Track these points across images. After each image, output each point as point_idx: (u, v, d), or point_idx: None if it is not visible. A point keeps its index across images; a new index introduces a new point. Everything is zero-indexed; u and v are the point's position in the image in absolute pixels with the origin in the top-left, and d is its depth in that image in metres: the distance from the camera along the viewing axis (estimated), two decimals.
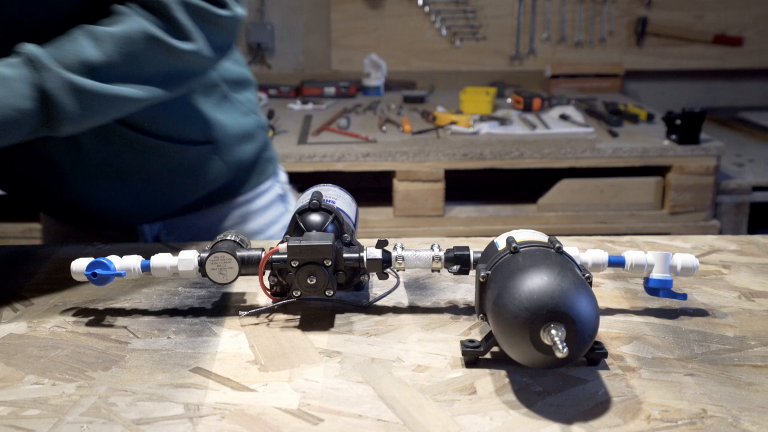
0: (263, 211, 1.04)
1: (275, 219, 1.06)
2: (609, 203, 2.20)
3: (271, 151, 1.06)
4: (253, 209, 1.03)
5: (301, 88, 2.84)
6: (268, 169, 1.04)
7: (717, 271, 0.78)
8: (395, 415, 0.52)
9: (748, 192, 2.26)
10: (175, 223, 0.99)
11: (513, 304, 0.52)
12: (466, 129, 2.32)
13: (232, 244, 0.66)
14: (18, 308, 0.70)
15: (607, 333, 0.64)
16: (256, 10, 2.97)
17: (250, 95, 1.00)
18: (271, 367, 0.59)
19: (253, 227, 1.03)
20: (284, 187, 1.10)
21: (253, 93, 1.02)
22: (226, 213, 1.01)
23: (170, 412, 0.53)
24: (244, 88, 0.99)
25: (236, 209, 1.01)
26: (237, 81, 0.97)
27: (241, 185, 1.00)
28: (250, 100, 1.00)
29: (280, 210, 1.07)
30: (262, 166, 1.03)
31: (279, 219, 1.07)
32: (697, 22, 2.96)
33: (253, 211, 1.03)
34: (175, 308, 0.69)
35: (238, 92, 0.97)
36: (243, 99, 0.98)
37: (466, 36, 2.98)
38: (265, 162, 1.03)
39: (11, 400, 0.54)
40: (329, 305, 0.69)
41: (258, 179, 1.02)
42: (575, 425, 0.51)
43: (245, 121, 0.97)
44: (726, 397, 0.54)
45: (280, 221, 1.07)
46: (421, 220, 2.19)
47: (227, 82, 0.95)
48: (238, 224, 1.02)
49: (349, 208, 0.74)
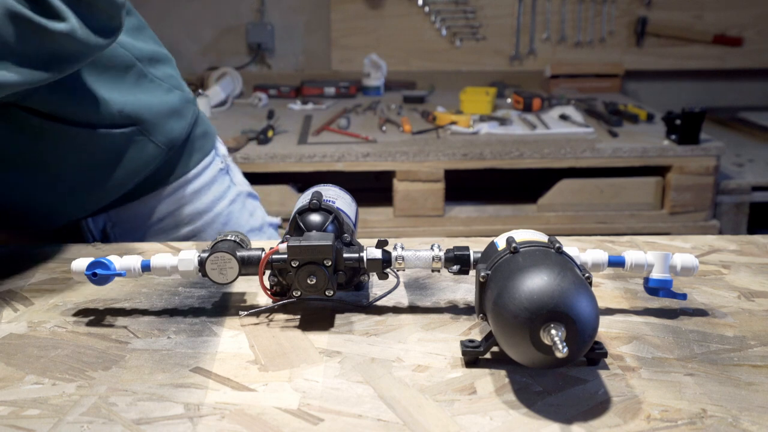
0: (207, 188, 1.02)
1: (221, 194, 1.04)
2: (609, 203, 2.20)
3: (204, 125, 1.04)
4: (196, 188, 1.01)
5: (301, 88, 2.84)
6: (205, 145, 1.02)
7: (717, 271, 0.78)
8: (395, 415, 0.52)
9: (747, 192, 2.26)
10: (119, 213, 0.97)
11: (513, 304, 0.52)
12: (466, 129, 2.32)
13: (232, 244, 0.66)
14: (18, 308, 0.70)
15: (607, 333, 0.64)
16: (256, 10, 2.97)
17: (170, 71, 0.98)
18: (271, 367, 0.59)
19: (199, 207, 1.01)
20: (225, 160, 1.08)
21: (173, 68, 0.99)
22: (171, 196, 0.99)
23: (170, 412, 0.53)
24: (163, 64, 0.97)
25: (180, 191, 0.99)
26: (152, 58, 0.95)
27: (178, 165, 0.98)
28: (171, 75, 0.98)
29: (225, 184, 1.05)
30: (199, 143, 1.01)
31: (225, 194, 1.05)
32: (697, 22, 2.96)
33: (197, 189, 1.01)
34: (175, 308, 0.69)
35: (156, 69, 0.95)
36: (163, 75, 0.95)
37: (466, 36, 2.98)
38: (201, 138, 1.01)
39: (11, 400, 0.54)
40: (329, 305, 0.69)
41: (197, 157, 1.00)
42: (575, 425, 0.51)
43: (169, 98, 0.95)
44: (726, 397, 0.54)
45: (226, 196, 1.05)
46: (421, 220, 2.19)
47: (142, 60, 0.92)
48: (185, 205, 1.00)
49: (349, 208, 0.74)
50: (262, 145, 2.19)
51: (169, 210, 0.99)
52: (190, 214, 1.01)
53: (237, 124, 2.41)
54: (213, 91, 2.68)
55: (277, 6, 2.97)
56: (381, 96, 2.85)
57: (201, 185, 1.02)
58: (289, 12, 2.98)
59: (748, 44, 2.98)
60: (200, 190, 1.01)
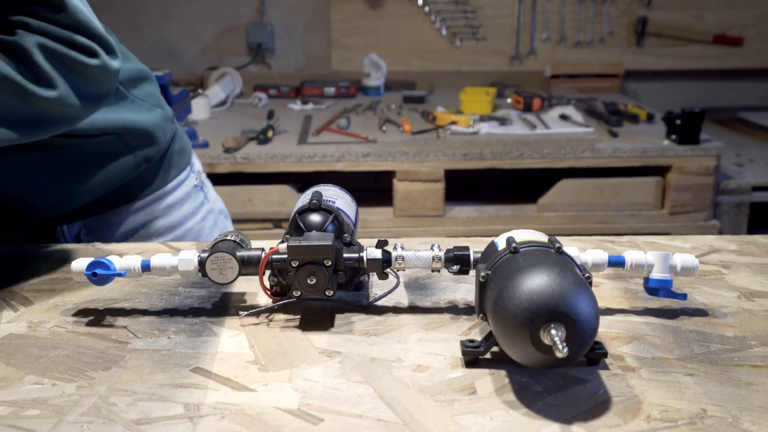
0: (181, 203, 1.03)
1: (194, 210, 1.05)
2: (609, 203, 2.20)
3: (181, 141, 1.05)
4: (170, 202, 1.02)
5: (301, 88, 2.84)
6: (181, 161, 1.03)
7: (717, 271, 0.78)
8: (395, 415, 0.52)
9: (747, 192, 2.26)
10: (93, 222, 0.98)
11: (513, 304, 0.52)
12: (466, 129, 2.32)
13: (232, 244, 0.66)
14: (18, 308, 0.70)
15: (607, 333, 0.64)
16: (256, 10, 2.97)
17: (151, 89, 0.99)
18: (271, 367, 0.59)
19: (171, 221, 1.02)
20: (200, 176, 1.09)
21: (153, 86, 1.00)
22: (145, 209, 1.00)
23: (170, 412, 0.53)
24: (143, 82, 0.98)
25: (154, 204, 1.00)
26: (135, 78, 0.96)
27: (153, 180, 0.99)
28: (152, 94, 0.99)
29: (198, 200, 1.06)
30: (174, 159, 1.02)
31: (198, 210, 1.06)
32: (697, 22, 2.96)
33: (171, 204, 1.02)
34: (175, 308, 0.69)
35: (138, 89, 0.96)
36: (144, 95, 0.97)
37: (466, 36, 2.98)
38: (177, 154, 1.03)
39: (11, 400, 0.54)
40: (329, 305, 0.69)
41: (173, 172, 1.02)
42: (575, 425, 0.51)
43: (150, 117, 0.96)
44: (726, 397, 0.54)
45: (198, 212, 1.06)
46: (421, 220, 2.19)
47: (124, 83, 0.93)
48: (158, 218, 1.01)
49: (349, 208, 0.74)
50: (262, 145, 2.19)
51: (142, 221, 1.00)
52: (162, 227, 1.02)
53: (237, 124, 2.41)
54: (213, 91, 2.68)
55: (277, 6, 2.97)
56: (381, 96, 2.85)
57: (175, 200, 1.03)
58: (289, 12, 2.98)
59: (748, 44, 2.98)
60: (174, 205, 1.03)
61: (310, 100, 2.76)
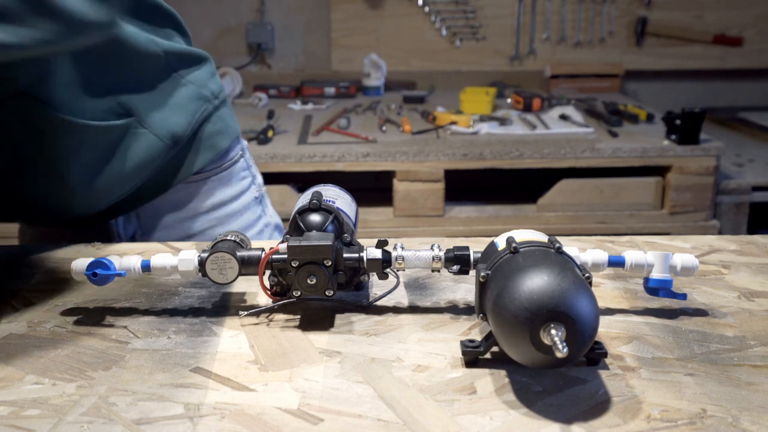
0: (239, 214, 1.02)
1: (251, 222, 1.03)
2: (609, 203, 2.21)
3: (220, 123, 1.00)
4: (229, 212, 1.00)
5: (301, 88, 2.84)
6: (218, 142, 0.99)
7: (717, 271, 0.78)
8: (395, 415, 0.52)
9: (747, 192, 2.26)
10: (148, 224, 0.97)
11: (513, 304, 0.52)
12: (466, 129, 2.32)
13: (232, 244, 0.66)
14: (18, 308, 0.70)
15: (607, 333, 0.64)
16: (256, 10, 2.97)
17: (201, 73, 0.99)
18: (271, 367, 0.59)
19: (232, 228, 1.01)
20: (260, 189, 1.07)
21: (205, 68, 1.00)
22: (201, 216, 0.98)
23: (170, 412, 0.53)
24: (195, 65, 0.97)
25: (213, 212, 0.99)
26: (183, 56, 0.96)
27: (191, 164, 0.95)
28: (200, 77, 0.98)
29: (257, 213, 1.05)
30: (211, 141, 0.98)
31: (255, 223, 1.04)
32: (697, 22, 2.96)
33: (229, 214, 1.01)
34: (175, 308, 0.69)
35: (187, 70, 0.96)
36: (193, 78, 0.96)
37: (466, 36, 2.98)
38: (214, 136, 0.98)
39: (11, 400, 0.54)
40: (329, 305, 0.69)
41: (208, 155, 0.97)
42: (575, 425, 0.51)
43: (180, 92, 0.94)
44: (726, 397, 0.54)
45: (256, 225, 1.04)
46: (421, 220, 2.20)
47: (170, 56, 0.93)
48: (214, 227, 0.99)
49: (349, 208, 0.74)
50: (262, 145, 2.19)
51: (199, 230, 0.99)
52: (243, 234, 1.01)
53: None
54: None
55: (277, 6, 2.97)
56: (381, 96, 2.85)
57: (234, 210, 1.01)
58: (289, 12, 2.98)
59: (748, 44, 2.98)
60: (233, 215, 1.01)
61: (310, 100, 2.76)
